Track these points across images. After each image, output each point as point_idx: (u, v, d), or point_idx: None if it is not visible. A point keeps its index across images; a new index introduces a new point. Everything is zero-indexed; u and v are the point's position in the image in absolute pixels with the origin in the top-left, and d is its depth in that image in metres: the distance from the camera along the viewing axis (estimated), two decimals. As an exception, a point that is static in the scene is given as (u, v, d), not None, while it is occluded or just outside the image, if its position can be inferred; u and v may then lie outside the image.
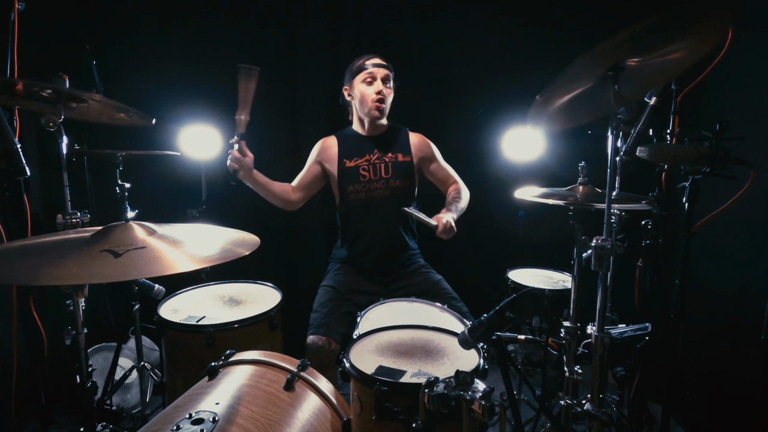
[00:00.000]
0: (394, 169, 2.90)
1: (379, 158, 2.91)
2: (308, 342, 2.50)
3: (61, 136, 1.99)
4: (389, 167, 2.90)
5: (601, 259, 1.81)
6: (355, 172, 2.90)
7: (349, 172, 2.91)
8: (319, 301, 2.72)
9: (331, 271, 2.97)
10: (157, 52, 3.49)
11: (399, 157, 2.93)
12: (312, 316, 2.64)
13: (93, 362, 3.07)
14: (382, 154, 2.92)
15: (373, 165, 2.90)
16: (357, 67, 2.85)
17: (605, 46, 1.65)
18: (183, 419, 1.47)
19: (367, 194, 2.89)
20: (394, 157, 2.92)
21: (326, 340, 2.47)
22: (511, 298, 1.63)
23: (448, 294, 2.73)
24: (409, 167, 2.94)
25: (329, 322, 2.56)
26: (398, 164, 2.91)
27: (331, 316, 2.60)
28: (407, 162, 2.94)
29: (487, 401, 1.35)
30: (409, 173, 2.94)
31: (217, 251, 1.52)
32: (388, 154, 2.92)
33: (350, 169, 2.91)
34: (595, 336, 1.91)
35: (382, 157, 2.91)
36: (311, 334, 2.53)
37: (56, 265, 1.33)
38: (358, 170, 2.90)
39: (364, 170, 2.89)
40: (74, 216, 2.11)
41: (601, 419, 1.94)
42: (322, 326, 2.54)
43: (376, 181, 2.89)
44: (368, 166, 2.90)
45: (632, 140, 2.17)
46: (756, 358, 2.37)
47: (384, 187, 2.89)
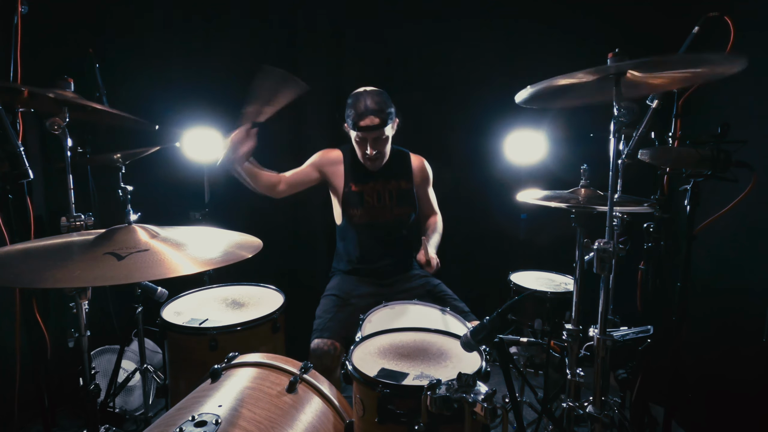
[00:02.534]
0: (398, 197, 2.94)
1: (383, 186, 2.94)
2: (313, 346, 2.49)
3: (65, 139, 2.00)
4: (393, 195, 2.93)
5: (603, 261, 1.81)
6: (360, 198, 2.92)
7: (354, 197, 2.92)
8: (323, 308, 2.73)
9: (333, 281, 2.99)
10: (159, 54, 3.49)
11: (402, 184, 2.96)
12: (315, 322, 2.64)
13: (96, 364, 3.07)
14: (386, 182, 2.94)
15: (377, 192, 2.92)
16: (351, 120, 2.73)
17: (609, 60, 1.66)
18: (186, 422, 1.47)
19: (371, 219, 2.91)
20: (397, 185, 2.95)
21: (331, 344, 2.47)
22: (514, 300, 1.64)
23: (448, 296, 2.75)
24: (411, 194, 2.99)
25: (333, 326, 2.56)
26: (402, 192, 2.95)
27: (335, 320, 2.60)
28: (409, 189, 2.98)
29: (490, 403, 1.35)
30: (411, 200, 2.99)
31: (219, 254, 1.52)
32: (392, 182, 2.95)
33: (355, 194, 2.92)
34: (597, 338, 1.91)
35: (386, 185, 2.94)
36: (316, 338, 2.52)
37: (59, 268, 1.33)
38: (363, 196, 2.92)
39: (369, 196, 2.92)
40: (78, 219, 2.12)
41: (603, 422, 1.94)
42: (327, 330, 2.54)
43: (380, 208, 2.92)
44: (373, 193, 2.92)
45: (634, 143, 2.17)
46: (757, 359, 2.38)
47: (388, 213, 2.92)
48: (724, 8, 2.11)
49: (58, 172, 2.07)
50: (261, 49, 3.61)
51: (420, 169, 3.05)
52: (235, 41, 3.60)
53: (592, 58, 1.73)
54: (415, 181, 3.01)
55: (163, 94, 3.41)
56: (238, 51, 3.61)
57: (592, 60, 1.70)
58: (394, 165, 2.99)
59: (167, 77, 3.48)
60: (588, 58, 1.71)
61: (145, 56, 3.47)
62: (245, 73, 2.47)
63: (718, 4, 2.14)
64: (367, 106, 2.69)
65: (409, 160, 3.04)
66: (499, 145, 3.50)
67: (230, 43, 3.59)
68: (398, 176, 2.97)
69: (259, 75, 2.44)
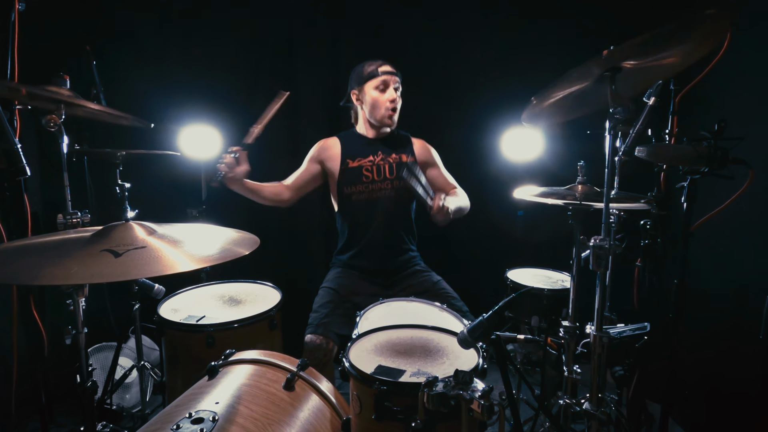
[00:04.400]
0: (399, 171, 2.90)
1: (383, 159, 2.91)
2: (306, 341, 2.50)
3: (62, 136, 1.99)
4: (393, 168, 2.90)
5: (600, 258, 1.81)
6: (358, 173, 2.89)
7: (352, 173, 2.90)
8: (319, 302, 2.72)
9: (332, 274, 2.97)
10: (157, 52, 3.49)
11: (403, 157, 2.93)
12: (311, 315, 2.65)
13: (93, 362, 3.07)
14: (386, 155, 2.91)
15: (377, 165, 2.90)
16: (368, 73, 2.83)
17: (604, 57, 1.66)
18: (183, 418, 1.47)
19: (370, 195, 2.88)
20: (398, 158, 2.92)
21: (324, 340, 2.48)
22: (511, 297, 1.64)
23: (448, 294, 2.73)
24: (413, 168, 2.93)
25: (328, 322, 2.57)
26: (402, 165, 2.90)
27: (330, 316, 2.60)
28: (411, 162, 2.93)
29: (486, 400, 1.36)
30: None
31: (216, 251, 1.52)
32: (392, 155, 2.92)
33: (353, 170, 2.90)
34: (594, 335, 1.92)
35: (386, 157, 2.91)
36: (309, 333, 2.53)
37: (56, 265, 1.33)
38: (361, 170, 2.89)
39: (368, 170, 2.89)
40: (75, 216, 2.11)
41: (599, 418, 1.94)
42: (321, 326, 2.54)
43: (380, 182, 2.88)
44: (372, 166, 2.90)
45: (631, 140, 2.17)
46: (754, 357, 2.38)
47: (388, 187, 2.89)
48: (722, 6, 2.11)
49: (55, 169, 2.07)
50: (259, 48, 3.61)
51: (423, 149, 3.05)
52: (233, 40, 3.59)
53: (590, 56, 1.73)
54: (418, 157, 2.99)
55: (161, 92, 3.40)
56: (235, 50, 3.61)
57: (590, 58, 1.71)
58: (395, 140, 3.00)
59: (165, 75, 3.48)
60: (585, 56, 1.71)
61: (143, 54, 3.46)
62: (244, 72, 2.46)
63: (716, 3, 2.15)
64: (382, 61, 2.85)
65: (410, 140, 3.05)
66: (496, 142, 3.50)
67: (228, 41, 3.59)
68: (399, 150, 2.96)
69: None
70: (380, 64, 2.84)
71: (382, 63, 2.84)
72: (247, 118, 3.51)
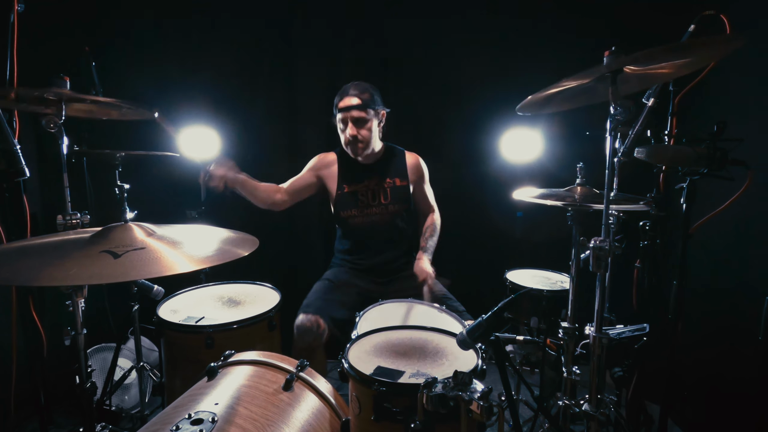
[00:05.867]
0: (393, 195, 2.96)
1: (378, 184, 2.95)
2: (297, 322, 2.52)
3: (61, 137, 1.99)
4: (388, 193, 2.95)
5: (600, 259, 1.81)
6: (354, 198, 2.94)
7: (348, 197, 2.95)
8: (313, 290, 2.79)
9: (330, 270, 3.02)
10: (156, 52, 3.49)
11: (396, 182, 2.98)
12: (305, 300, 2.69)
13: (92, 363, 3.07)
14: (380, 180, 2.96)
15: (371, 191, 2.94)
16: (335, 105, 2.86)
17: (605, 58, 1.67)
18: (182, 419, 1.47)
19: (365, 218, 2.94)
20: (392, 183, 2.97)
21: (315, 321, 2.49)
22: (510, 298, 1.64)
23: (444, 296, 2.74)
24: (406, 191, 3.00)
25: (321, 305, 2.60)
26: (396, 189, 2.97)
27: (323, 300, 2.64)
28: (404, 186, 2.99)
29: (486, 401, 1.36)
30: (406, 197, 3.00)
31: (216, 252, 1.52)
32: (386, 180, 2.96)
33: (349, 194, 2.95)
34: (593, 336, 1.92)
35: (381, 183, 2.95)
36: (301, 313, 2.56)
37: (56, 266, 1.33)
38: (357, 195, 2.94)
39: (363, 195, 2.94)
40: (74, 217, 2.11)
41: (599, 419, 1.94)
42: (312, 306, 2.57)
43: (375, 206, 2.94)
44: (366, 191, 2.94)
45: (630, 141, 2.18)
46: (753, 358, 2.38)
47: (382, 212, 2.94)
48: (720, 7, 2.12)
49: (55, 171, 2.08)
50: (258, 49, 3.61)
51: (415, 166, 3.06)
52: (232, 41, 3.59)
53: (589, 56, 1.73)
54: (410, 178, 3.02)
55: (160, 93, 3.40)
56: (235, 50, 3.61)
57: (589, 58, 1.71)
58: (388, 162, 3.00)
59: (164, 76, 3.48)
60: (584, 56, 1.71)
61: (142, 55, 3.46)
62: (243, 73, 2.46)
63: (714, 3, 2.15)
64: (349, 90, 2.81)
65: (404, 157, 3.05)
66: (495, 143, 3.50)
67: (227, 42, 3.59)
68: (393, 174, 2.98)
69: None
70: (341, 98, 2.82)
71: (343, 96, 2.82)
72: (246, 119, 3.53)
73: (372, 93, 2.82)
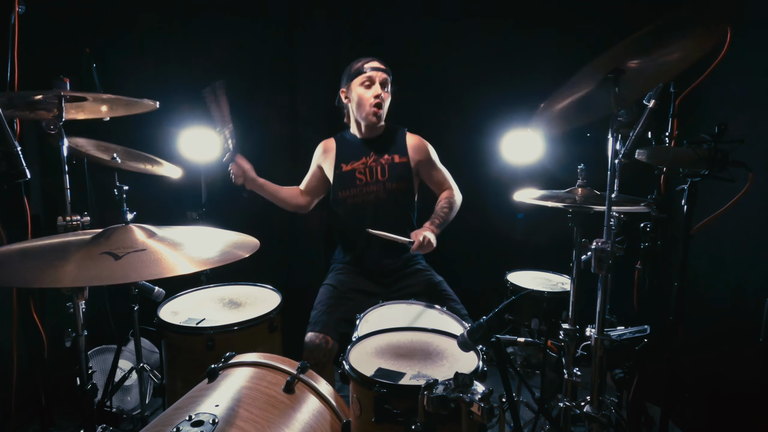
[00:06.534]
0: (391, 171, 2.89)
1: (375, 160, 2.89)
2: (306, 340, 2.50)
3: (62, 139, 1.99)
4: (386, 169, 2.89)
5: (601, 261, 1.81)
6: (351, 176, 2.90)
7: (345, 176, 2.91)
8: (319, 299, 2.74)
9: (333, 271, 2.98)
10: (156, 53, 3.49)
11: (395, 158, 2.91)
12: (312, 314, 2.65)
13: (93, 364, 3.07)
14: (378, 156, 2.90)
15: (369, 168, 2.89)
16: (355, 70, 2.83)
17: (608, 55, 1.66)
18: (183, 421, 1.47)
19: (364, 197, 2.89)
20: (390, 159, 2.90)
21: (323, 338, 2.48)
22: (510, 300, 1.64)
23: (448, 296, 2.73)
24: (406, 168, 2.92)
25: (327, 320, 2.57)
26: (394, 166, 2.90)
27: (330, 314, 2.60)
28: (404, 163, 2.92)
29: (486, 403, 1.36)
30: (406, 175, 2.92)
31: (216, 253, 1.52)
32: (384, 156, 2.90)
33: (346, 173, 2.91)
34: (594, 338, 1.92)
35: (378, 159, 2.90)
36: (309, 331, 2.53)
37: (56, 268, 1.33)
38: (354, 174, 2.89)
39: (360, 173, 2.89)
40: (75, 218, 2.11)
41: (600, 421, 1.94)
42: (320, 323, 2.54)
43: (373, 184, 2.88)
44: (364, 168, 2.89)
45: (631, 143, 2.18)
46: (754, 359, 2.38)
47: (380, 189, 2.88)
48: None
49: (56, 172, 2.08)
50: (259, 50, 3.61)
51: (417, 146, 2.99)
52: (233, 41, 3.60)
53: (590, 57, 1.73)
54: (411, 156, 2.95)
55: (161, 94, 3.39)
56: (236, 51, 3.61)
57: (590, 60, 1.71)
58: (387, 139, 2.97)
59: (165, 77, 3.47)
60: (585, 58, 1.71)
61: (143, 56, 3.46)
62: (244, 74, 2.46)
63: (716, 4, 2.15)
64: (367, 57, 2.86)
65: (404, 135, 3.01)
66: (496, 144, 3.49)
67: (228, 43, 3.59)
68: (392, 150, 2.94)
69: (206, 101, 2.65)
70: (367, 60, 2.84)
71: (370, 60, 2.85)
72: (247, 119, 3.52)
73: None
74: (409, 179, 2.94)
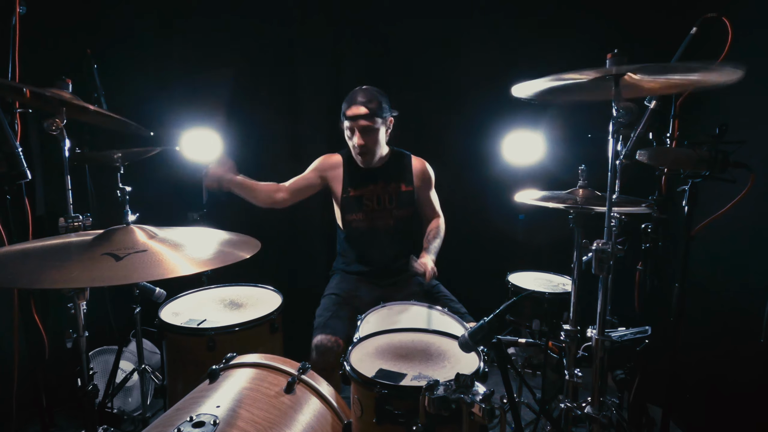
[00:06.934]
0: (398, 200, 2.95)
1: (384, 189, 2.94)
2: (316, 343, 2.47)
3: (63, 140, 2.00)
4: (393, 198, 2.94)
5: (602, 262, 1.81)
6: (359, 202, 2.93)
7: (353, 201, 2.94)
8: (323, 307, 2.74)
9: (333, 281, 2.99)
10: (158, 55, 3.49)
11: (402, 187, 2.96)
12: (316, 320, 2.64)
13: (94, 365, 3.06)
14: (386, 185, 2.94)
15: (377, 196, 2.93)
16: (342, 113, 2.82)
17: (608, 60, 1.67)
18: (184, 422, 1.47)
19: (370, 223, 2.93)
20: (397, 188, 2.95)
21: (335, 341, 2.46)
22: (512, 301, 1.64)
23: (446, 297, 2.75)
24: (411, 196, 2.99)
25: (336, 323, 2.57)
26: (402, 194, 2.96)
27: (336, 318, 2.60)
28: (409, 191, 2.98)
29: (488, 404, 1.36)
30: (411, 202, 2.99)
31: (217, 254, 1.52)
32: (392, 185, 2.95)
33: (354, 198, 2.94)
34: (595, 339, 1.91)
35: (386, 187, 2.94)
36: (319, 334, 2.51)
37: (58, 268, 1.33)
38: (362, 200, 2.93)
39: (368, 200, 2.93)
40: (76, 219, 2.12)
41: (601, 422, 1.94)
42: (329, 326, 2.54)
43: (380, 211, 2.93)
44: (372, 195, 2.93)
45: (632, 143, 2.18)
46: (755, 360, 2.38)
47: (387, 216, 2.93)
48: (723, 9, 2.11)
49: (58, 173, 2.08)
50: (259, 50, 3.61)
51: (421, 171, 3.04)
52: (233, 42, 3.60)
53: (591, 57, 1.73)
54: (416, 184, 3.00)
55: (162, 95, 3.40)
56: (236, 52, 3.61)
57: (591, 60, 1.71)
58: (394, 167, 2.99)
59: (166, 78, 3.48)
60: (586, 57, 1.71)
61: (144, 57, 3.46)
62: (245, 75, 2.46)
63: (717, 5, 2.15)
64: (357, 97, 2.77)
65: (410, 161, 3.04)
66: (497, 145, 3.49)
67: (229, 43, 3.59)
68: (398, 178, 2.97)
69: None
70: (348, 105, 2.79)
71: (352, 105, 2.77)
72: (248, 119, 3.52)
73: (380, 100, 2.79)
74: (413, 205, 3.01)
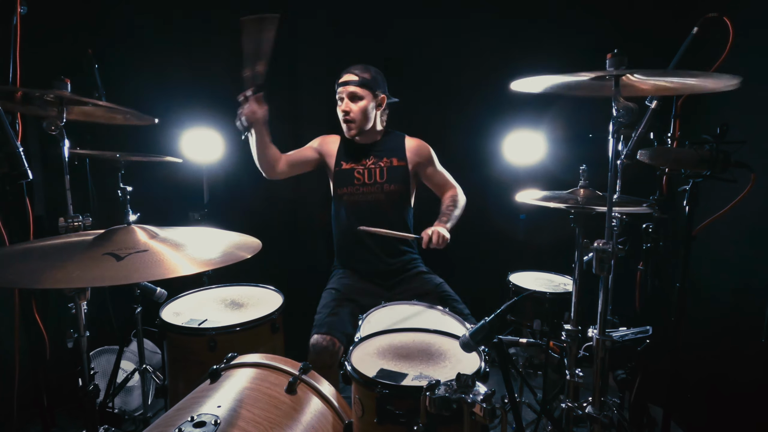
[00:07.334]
0: (389, 174, 2.94)
1: (375, 163, 2.96)
2: (312, 342, 2.49)
3: (63, 140, 2.00)
4: (384, 171, 2.94)
5: (603, 262, 1.81)
6: (350, 175, 2.95)
7: (344, 174, 2.96)
8: (323, 303, 2.73)
9: (335, 276, 2.99)
10: (158, 54, 3.49)
11: (394, 161, 2.97)
12: (316, 317, 2.65)
13: (95, 365, 3.07)
14: (377, 159, 2.96)
15: (368, 169, 2.95)
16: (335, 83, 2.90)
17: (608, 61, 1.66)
18: (185, 422, 1.47)
19: (361, 197, 2.93)
20: (389, 162, 2.96)
21: (330, 340, 2.47)
22: (513, 301, 1.64)
23: (450, 297, 2.74)
24: (404, 171, 2.98)
25: (333, 321, 2.56)
26: (393, 168, 2.96)
27: (335, 315, 2.60)
28: (402, 166, 2.98)
29: (489, 404, 1.35)
30: (404, 177, 2.98)
31: (218, 254, 1.52)
32: (383, 159, 2.96)
33: (345, 171, 2.96)
34: (596, 339, 1.91)
35: (377, 161, 2.96)
36: (315, 333, 2.52)
37: (58, 268, 1.33)
38: (353, 173, 2.95)
39: (359, 173, 2.94)
40: (76, 219, 2.11)
41: (602, 422, 1.94)
42: (325, 325, 2.54)
43: (371, 185, 2.93)
44: (363, 170, 2.95)
45: (633, 143, 2.17)
46: (756, 360, 2.38)
47: (378, 191, 2.93)
48: (724, 9, 2.11)
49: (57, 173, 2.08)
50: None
51: (416, 149, 3.04)
52: (234, 41, 3.59)
53: (592, 56, 1.73)
54: (410, 159, 3.00)
55: (163, 95, 3.40)
56: (237, 51, 3.60)
57: (591, 59, 1.71)
58: (387, 143, 3.03)
59: (167, 78, 3.48)
60: (587, 57, 1.71)
61: (145, 56, 3.47)
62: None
63: (718, 5, 2.15)
64: (351, 67, 2.87)
65: (404, 140, 3.06)
66: (498, 145, 3.50)
67: (230, 42, 3.58)
68: (390, 154, 2.99)
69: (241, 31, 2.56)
70: (342, 73, 2.88)
71: (345, 72, 2.88)
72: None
73: (374, 75, 2.87)
74: (407, 182, 2.99)
